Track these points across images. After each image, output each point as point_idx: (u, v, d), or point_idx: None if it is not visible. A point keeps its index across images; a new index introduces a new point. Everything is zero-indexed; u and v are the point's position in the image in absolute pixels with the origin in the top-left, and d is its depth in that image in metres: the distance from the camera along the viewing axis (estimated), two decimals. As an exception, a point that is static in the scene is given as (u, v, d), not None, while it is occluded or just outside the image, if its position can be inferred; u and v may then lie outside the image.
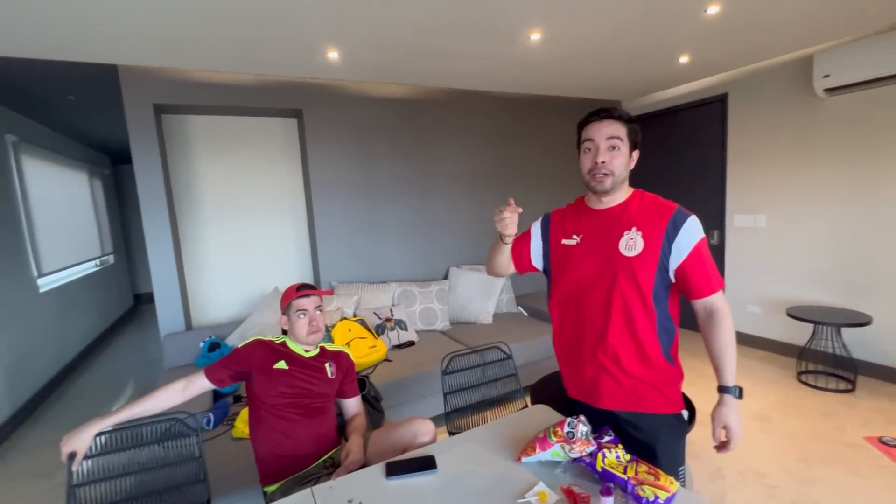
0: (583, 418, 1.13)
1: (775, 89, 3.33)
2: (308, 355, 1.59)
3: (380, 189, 3.46)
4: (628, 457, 1.07)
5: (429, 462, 1.21)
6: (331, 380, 1.60)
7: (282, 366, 1.52)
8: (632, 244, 1.17)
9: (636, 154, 1.23)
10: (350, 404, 1.70)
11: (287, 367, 1.52)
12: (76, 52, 2.28)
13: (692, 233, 1.15)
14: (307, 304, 1.55)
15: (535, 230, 1.41)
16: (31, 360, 3.33)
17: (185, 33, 2.16)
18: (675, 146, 4.11)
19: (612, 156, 1.18)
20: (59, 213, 4.19)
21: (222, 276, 3.18)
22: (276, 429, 1.48)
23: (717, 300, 1.16)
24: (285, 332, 1.62)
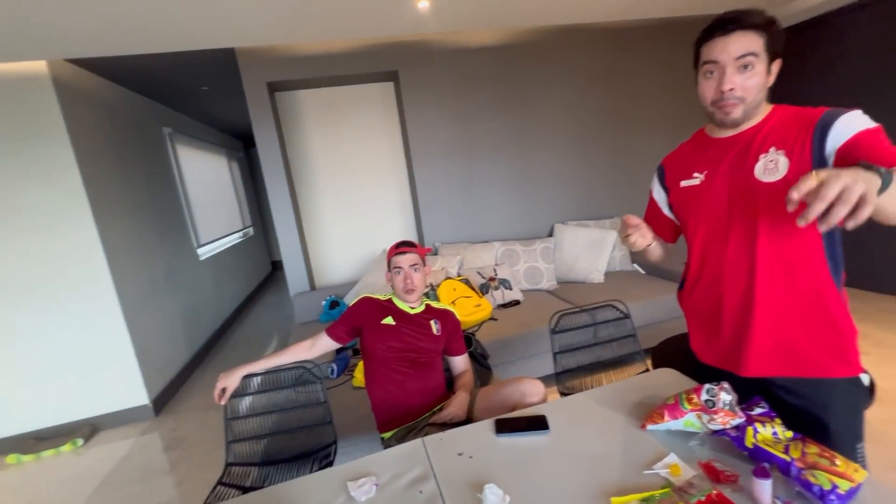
0: (726, 385, 0.95)
1: None
2: (413, 312, 1.62)
3: (478, 146, 3.35)
4: (790, 434, 0.87)
5: (540, 422, 1.15)
6: (436, 336, 1.61)
7: (389, 321, 1.57)
8: (772, 167, 0.92)
9: (777, 65, 0.94)
10: (457, 361, 1.71)
11: (394, 323, 1.57)
12: (200, 40, 2.53)
13: (852, 123, 0.85)
14: (402, 261, 1.57)
15: (657, 192, 1.24)
16: (200, 315, 4.02)
17: (290, 9, 2.25)
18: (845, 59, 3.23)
19: (745, 78, 0.92)
20: (207, 192, 4.89)
21: (338, 241, 3.44)
22: (388, 381, 1.54)
23: None
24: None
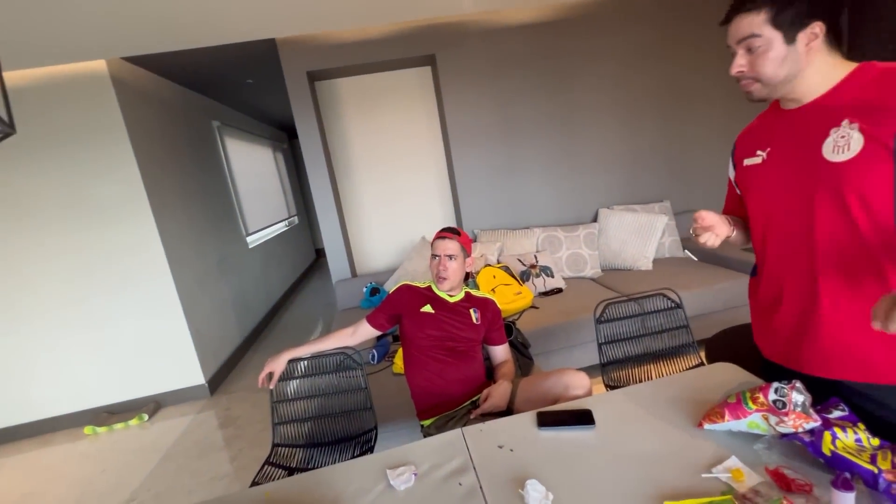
0: (798, 385, 0.85)
1: None
2: (453, 300, 1.59)
3: (518, 129, 3.24)
4: (877, 441, 0.77)
5: (586, 416, 1.09)
6: (475, 325, 1.58)
7: (428, 309, 1.55)
8: (842, 144, 0.80)
9: (814, 30, 0.80)
10: (497, 351, 1.67)
11: (433, 311, 1.55)
12: (243, 32, 2.56)
13: None
14: (439, 248, 1.55)
15: (731, 170, 1.12)
16: (250, 300, 4.22)
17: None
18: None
19: (754, 58, 0.85)
20: (254, 182, 5.08)
21: (378, 228, 3.46)
22: (427, 369, 1.53)
23: None
24: None
